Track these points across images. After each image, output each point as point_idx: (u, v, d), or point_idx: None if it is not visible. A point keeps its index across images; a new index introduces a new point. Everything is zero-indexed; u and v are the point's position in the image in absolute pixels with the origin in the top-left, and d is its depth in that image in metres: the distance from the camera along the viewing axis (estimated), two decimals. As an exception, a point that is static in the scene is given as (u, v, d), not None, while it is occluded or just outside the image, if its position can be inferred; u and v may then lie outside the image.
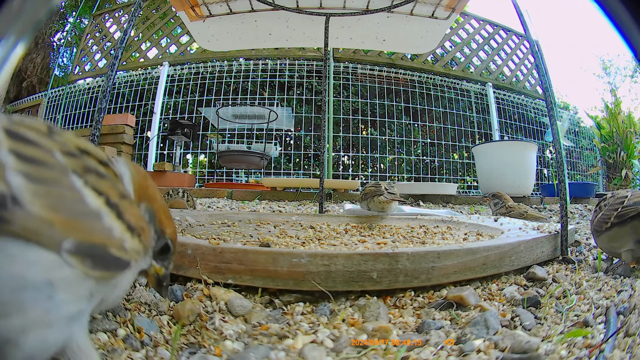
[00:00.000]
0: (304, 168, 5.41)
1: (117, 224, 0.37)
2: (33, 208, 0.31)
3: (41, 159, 0.34)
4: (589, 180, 5.90)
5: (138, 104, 5.03)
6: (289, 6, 1.98)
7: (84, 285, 0.35)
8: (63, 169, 0.35)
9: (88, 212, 0.35)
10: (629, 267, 0.92)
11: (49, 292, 0.32)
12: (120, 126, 4.33)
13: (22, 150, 0.33)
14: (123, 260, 0.38)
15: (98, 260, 0.35)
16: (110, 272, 0.37)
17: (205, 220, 1.43)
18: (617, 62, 11.90)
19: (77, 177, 0.35)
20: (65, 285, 0.33)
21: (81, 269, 0.34)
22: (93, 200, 0.36)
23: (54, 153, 0.35)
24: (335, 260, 0.67)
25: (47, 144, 0.35)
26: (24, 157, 0.32)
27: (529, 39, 1.27)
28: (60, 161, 0.35)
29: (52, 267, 0.32)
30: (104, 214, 0.36)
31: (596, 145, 5.82)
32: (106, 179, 0.39)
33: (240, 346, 0.51)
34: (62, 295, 0.33)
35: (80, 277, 0.34)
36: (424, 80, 5.19)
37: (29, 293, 0.31)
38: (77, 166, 0.36)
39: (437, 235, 1.23)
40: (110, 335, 0.50)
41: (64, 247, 0.32)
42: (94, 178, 0.37)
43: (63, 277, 0.33)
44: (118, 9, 5.65)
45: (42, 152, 0.34)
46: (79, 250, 0.33)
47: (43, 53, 7.23)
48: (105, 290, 0.38)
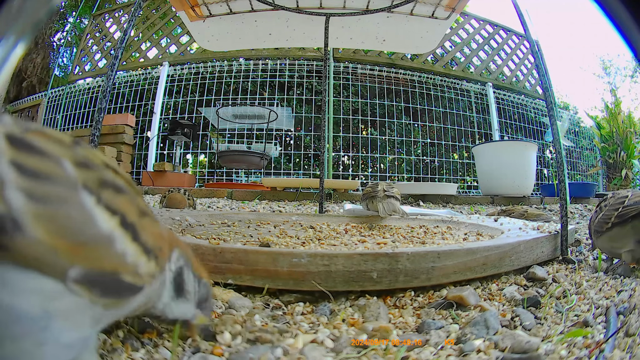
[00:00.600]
0: (304, 168, 5.41)
1: (131, 248, 0.34)
2: (35, 232, 0.28)
3: (46, 173, 0.30)
4: (589, 180, 5.89)
5: (138, 104, 5.02)
6: (289, 6, 1.98)
7: (88, 313, 0.32)
8: (72, 185, 0.31)
9: (98, 236, 0.31)
10: (629, 267, 0.92)
11: (45, 322, 0.29)
12: (120, 126, 4.33)
13: (25, 162, 0.29)
14: (136, 286, 0.35)
15: (107, 288, 0.32)
16: (120, 299, 0.34)
17: (205, 220, 1.43)
18: (617, 62, 11.92)
19: (89, 193, 0.32)
20: (65, 316, 0.30)
21: (88, 298, 0.31)
22: (105, 222, 0.32)
23: (63, 163, 0.31)
24: (335, 260, 0.67)
25: (55, 152, 0.31)
26: (27, 171, 0.29)
27: (529, 39, 1.27)
28: (69, 174, 0.31)
29: (52, 297, 0.29)
30: (117, 238, 0.32)
31: (596, 145, 5.82)
32: (124, 193, 0.36)
33: (240, 346, 0.51)
34: (61, 324, 0.30)
35: (84, 307, 0.31)
36: (424, 80, 5.19)
37: (23, 324, 0.28)
38: (90, 180, 0.32)
39: (437, 235, 1.23)
40: (110, 335, 0.50)
41: (70, 276, 0.29)
42: (109, 194, 0.33)
43: (64, 308, 0.30)
44: (118, 9, 5.65)
45: (49, 163, 0.30)
46: (87, 279, 0.30)
47: (43, 53, 7.23)
48: (114, 313, 0.36)
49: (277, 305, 0.65)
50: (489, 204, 3.41)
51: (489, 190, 3.70)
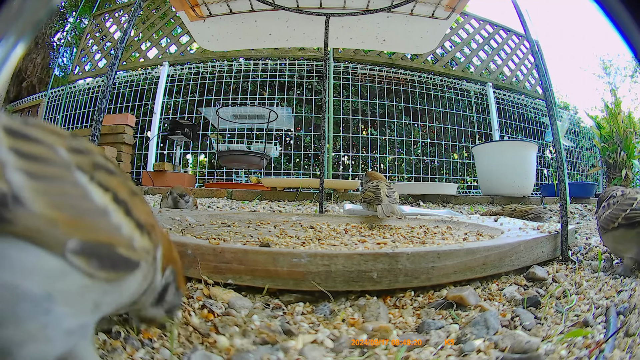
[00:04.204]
0: (304, 168, 5.41)
1: (125, 222, 0.35)
2: (35, 206, 0.30)
3: (42, 156, 0.32)
4: (589, 180, 5.89)
5: (138, 104, 5.02)
6: (289, 6, 1.98)
7: (88, 296, 0.33)
8: (66, 165, 0.33)
9: (94, 209, 0.33)
10: (629, 268, 0.92)
11: (47, 305, 0.30)
12: (120, 126, 4.33)
13: (23, 148, 0.31)
14: (132, 260, 0.36)
15: (105, 260, 0.33)
16: (118, 272, 0.35)
17: (205, 220, 1.43)
18: (617, 62, 11.91)
19: (82, 173, 0.34)
20: (66, 298, 0.31)
21: (87, 270, 0.32)
22: (99, 197, 0.34)
23: (57, 149, 0.34)
24: (335, 260, 0.67)
25: (49, 140, 0.34)
26: (25, 155, 0.31)
27: (529, 39, 1.27)
28: (63, 157, 0.34)
29: (52, 277, 0.30)
30: (111, 211, 0.34)
31: (596, 145, 5.81)
32: (115, 175, 0.38)
33: (240, 346, 0.51)
34: (61, 309, 0.31)
35: (83, 288, 0.32)
36: (424, 80, 5.18)
37: (25, 305, 0.29)
38: (83, 162, 0.35)
39: (437, 235, 1.23)
40: (110, 335, 0.50)
41: (69, 247, 0.31)
42: (101, 174, 0.36)
43: (64, 289, 0.31)
44: (118, 9, 5.65)
45: (44, 148, 0.33)
46: (85, 250, 0.31)
47: (43, 53, 7.23)
48: (112, 298, 0.36)
49: (277, 306, 0.65)
50: (489, 204, 3.41)
51: (489, 190, 3.70)
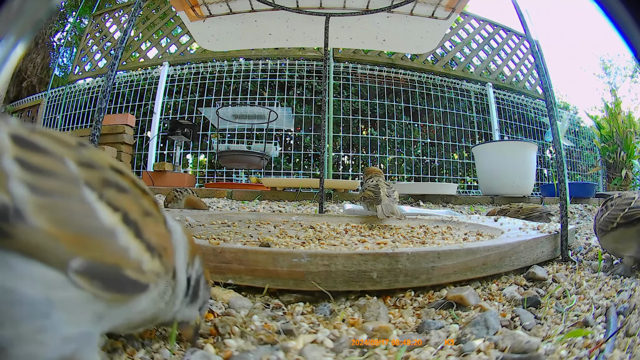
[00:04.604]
0: (304, 168, 5.41)
1: (134, 244, 0.34)
2: (37, 221, 0.28)
3: (48, 169, 0.31)
4: (589, 180, 5.89)
5: (138, 104, 5.02)
6: (289, 6, 1.98)
7: (90, 308, 0.32)
8: (74, 181, 0.32)
9: (100, 229, 0.32)
10: (629, 267, 0.92)
11: (46, 310, 0.30)
12: (120, 126, 4.33)
13: (29, 159, 0.30)
14: (140, 282, 0.35)
15: (110, 281, 0.32)
16: (123, 294, 0.34)
17: (205, 220, 1.43)
18: (617, 62, 11.90)
19: (91, 190, 0.33)
20: (65, 307, 0.31)
21: (90, 290, 0.31)
22: (107, 217, 0.33)
23: (66, 162, 0.32)
24: (335, 260, 0.67)
25: (58, 152, 0.33)
26: (30, 166, 0.30)
27: (529, 39, 1.27)
28: (71, 172, 0.32)
29: (53, 286, 0.30)
30: (120, 232, 0.33)
31: (596, 145, 5.82)
32: (127, 193, 0.36)
33: (240, 346, 0.51)
34: (61, 315, 0.31)
35: (85, 300, 0.32)
36: (424, 80, 5.18)
37: (23, 308, 0.29)
38: (93, 178, 0.33)
39: (437, 235, 1.23)
40: (110, 335, 0.50)
41: (71, 266, 0.30)
42: (111, 192, 0.34)
43: (65, 298, 0.31)
44: (118, 9, 5.65)
45: (51, 161, 0.32)
46: (88, 270, 0.31)
47: (43, 53, 7.23)
48: (118, 313, 0.36)
49: (277, 306, 0.65)
50: (489, 204, 3.41)
51: (489, 190, 3.70)
